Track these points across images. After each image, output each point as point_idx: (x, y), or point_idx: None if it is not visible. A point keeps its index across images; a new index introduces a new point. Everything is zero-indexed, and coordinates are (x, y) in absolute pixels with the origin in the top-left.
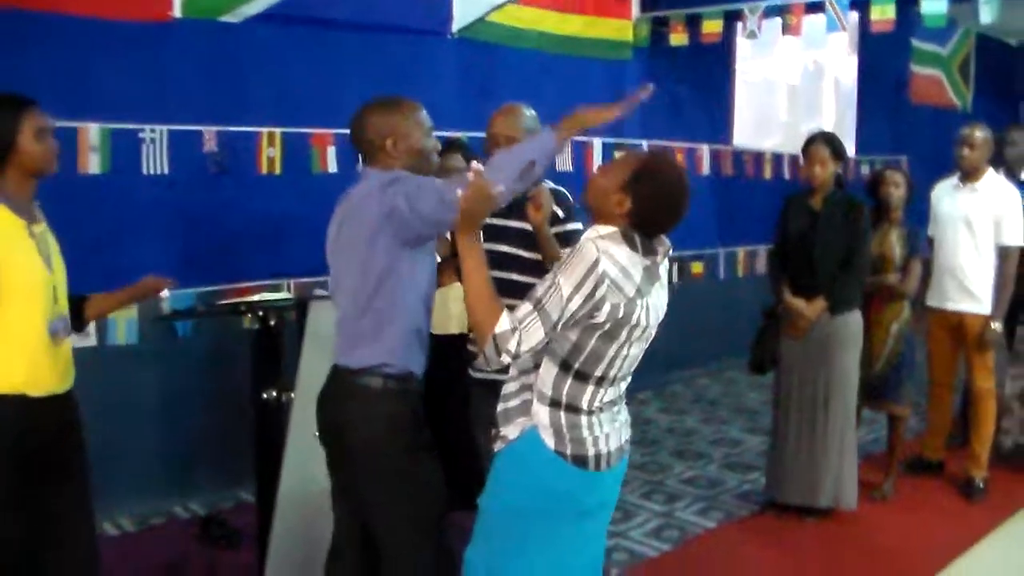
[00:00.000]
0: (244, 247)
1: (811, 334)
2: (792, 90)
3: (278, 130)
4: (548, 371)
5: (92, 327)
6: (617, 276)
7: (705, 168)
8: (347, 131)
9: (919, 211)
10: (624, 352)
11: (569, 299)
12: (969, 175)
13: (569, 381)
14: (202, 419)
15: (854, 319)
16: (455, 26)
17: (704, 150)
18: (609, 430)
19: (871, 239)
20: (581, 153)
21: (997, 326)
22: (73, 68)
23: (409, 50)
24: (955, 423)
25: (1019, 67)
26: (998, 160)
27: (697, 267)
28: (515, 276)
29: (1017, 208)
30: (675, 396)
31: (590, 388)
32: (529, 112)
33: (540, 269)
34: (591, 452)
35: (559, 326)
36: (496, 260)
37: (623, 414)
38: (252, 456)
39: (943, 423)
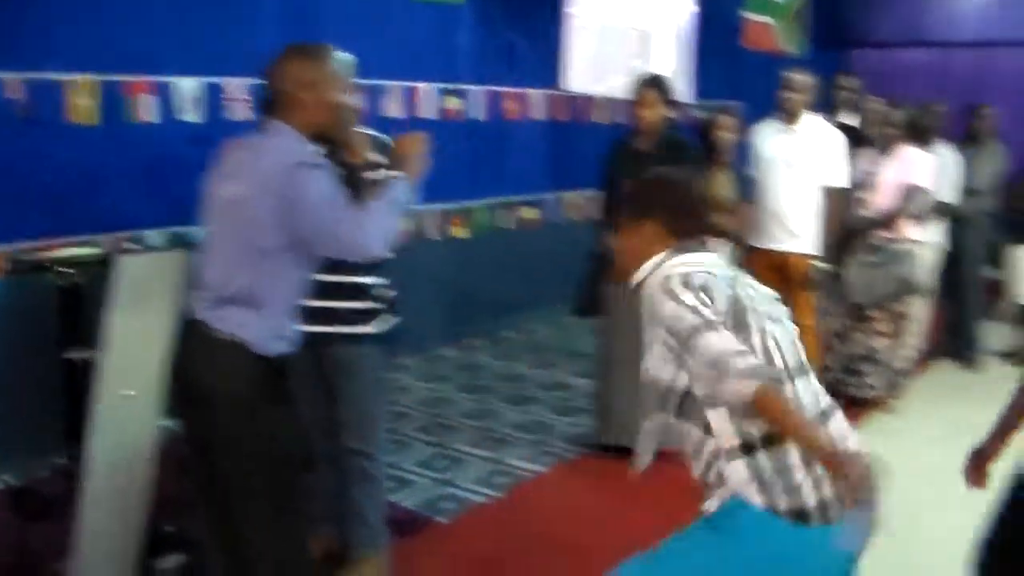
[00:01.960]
0: (56, 200)
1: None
2: (631, 35)
3: (89, 77)
4: (719, 418)
5: None
6: (696, 267)
7: (538, 113)
8: (164, 78)
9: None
10: (768, 330)
11: (695, 302)
12: (791, 117)
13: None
14: (11, 382)
15: None
16: None
17: (537, 94)
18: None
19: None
20: (411, 98)
21: (821, 265)
22: None
23: None
24: None
25: (852, 16)
26: (828, 105)
27: (530, 212)
28: None
29: (839, 149)
30: (507, 342)
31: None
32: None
33: None
34: (812, 500)
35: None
36: None
37: (852, 437)
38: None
39: None
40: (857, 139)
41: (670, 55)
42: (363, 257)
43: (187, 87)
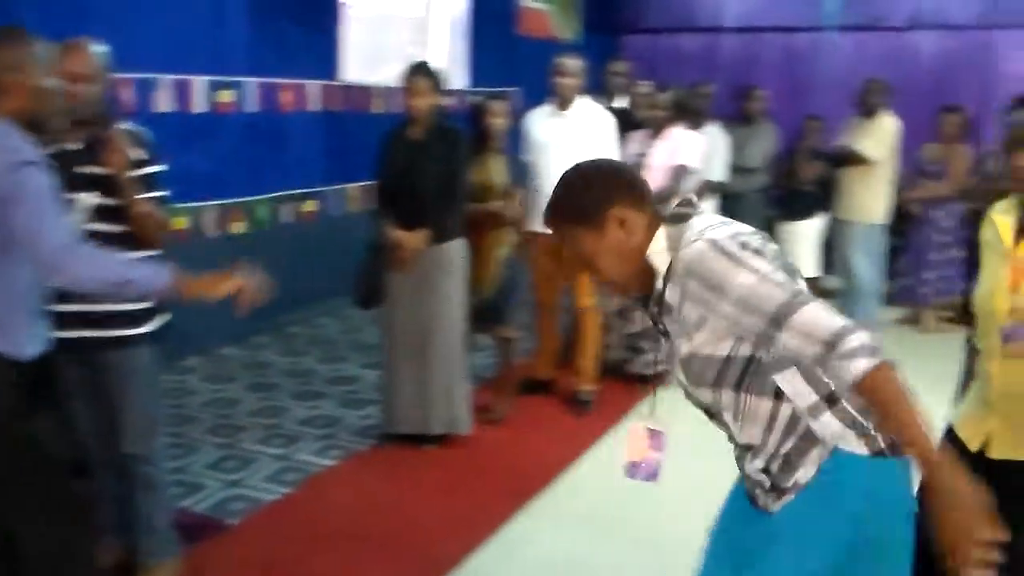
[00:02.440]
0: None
1: (417, 265)
2: (407, 24)
3: None
4: (792, 380)
5: None
6: (722, 226)
7: (315, 104)
8: None
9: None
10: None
11: (762, 270)
12: (563, 102)
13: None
14: None
15: (457, 247)
16: None
17: (313, 85)
18: None
19: (470, 168)
20: (185, 93)
21: None
22: None
23: None
24: (564, 342)
25: (624, 3)
26: (601, 90)
27: (309, 205)
28: (104, 226)
29: (610, 132)
30: (293, 337)
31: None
32: (99, 48)
33: (125, 216)
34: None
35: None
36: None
37: None
38: None
39: (551, 343)
40: (628, 122)
41: (445, 43)
42: (53, 281)
43: None
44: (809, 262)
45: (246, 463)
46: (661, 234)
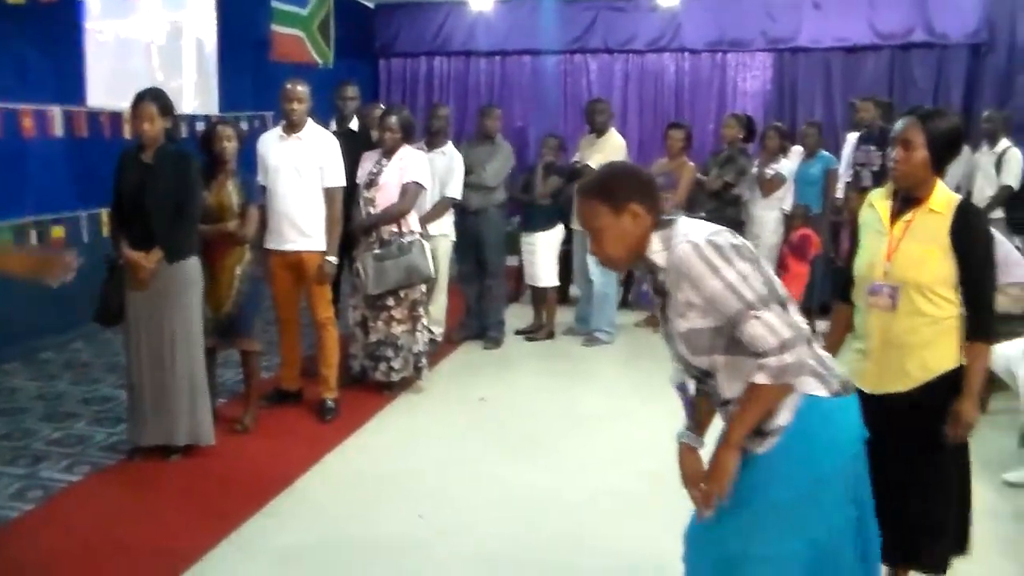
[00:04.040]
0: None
1: (153, 283)
2: (154, 50)
3: None
4: None
5: None
6: (704, 229)
7: (58, 130)
8: None
9: (249, 161)
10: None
11: (742, 271)
12: (291, 126)
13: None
14: None
15: (191, 264)
16: None
17: (56, 111)
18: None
19: (202, 189)
20: None
21: (332, 259)
22: None
23: None
24: (311, 356)
25: (377, 27)
26: (338, 112)
27: (58, 231)
28: None
29: (336, 154)
30: (45, 363)
31: (792, 310)
32: None
33: None
34: (840, 370)
35: (772, 287)
36: None
37: None
38: None
39: (294, 355)
40: (362, 143)
41: (193, 68)
42: None
43: None
44: (550, 272)
45: None
46: (656, 236)
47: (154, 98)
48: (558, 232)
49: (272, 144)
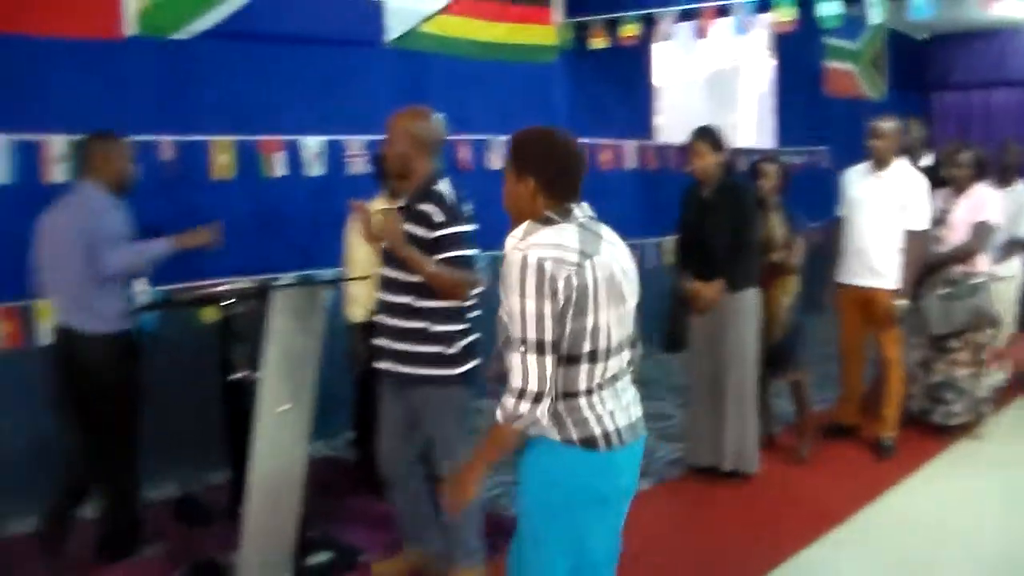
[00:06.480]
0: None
1: (715, 311)
2: (713, 88)
3: (229, 138)
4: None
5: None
6: (552, 252)
7: (630, 162)
8: (293, 137)
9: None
10: (603, 320)
11: (541, 310)
12: (878, 163)
13: (561, 370)
14: (170, 404)
15: (751, 295)
16: (388, 36)
17: (629, 145)
18: (613, 407)
19: (758, 220)
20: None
21: (903, 302)
22: (36, 84)
23: (346, 61)
24: (868, 391)
25: (928, 60)
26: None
27: None
28: (394, 273)
29: (922, 194)
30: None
31: (584, 368)
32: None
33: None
34: (597, 431)
35: (559, 340)
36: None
37: (630, 391)
38: (222, 436)
39: (855, 389)
40: (933, 180)
41: (752, 105)
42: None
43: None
44: None
45: None
46: (529, 225)
47: (704, 135)
48: None
49: (856, 178)
